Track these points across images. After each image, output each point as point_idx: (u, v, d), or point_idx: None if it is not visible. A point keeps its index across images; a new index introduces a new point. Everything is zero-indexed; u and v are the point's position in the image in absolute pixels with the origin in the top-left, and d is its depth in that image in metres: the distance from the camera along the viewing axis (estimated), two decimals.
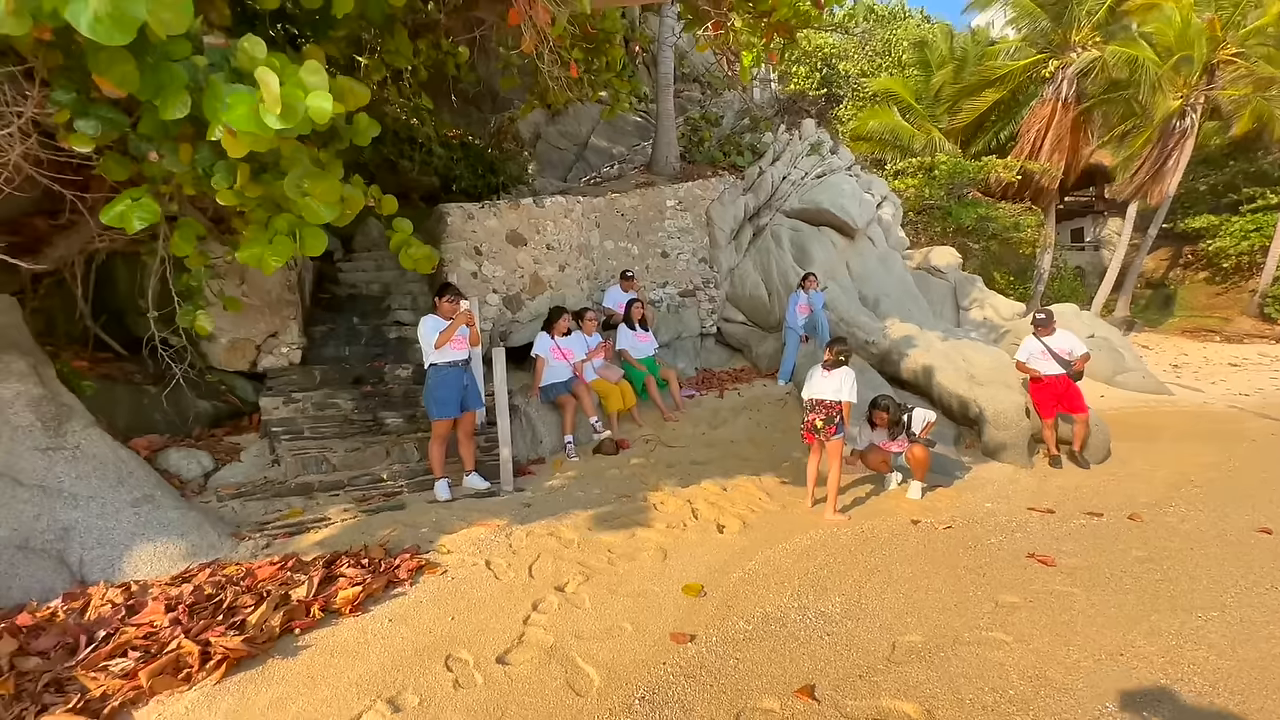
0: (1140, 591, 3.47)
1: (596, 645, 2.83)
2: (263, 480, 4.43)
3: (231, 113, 2.51)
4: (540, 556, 3.70)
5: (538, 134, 12.14)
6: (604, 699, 2.48)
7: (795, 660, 2.75)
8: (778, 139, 11.01)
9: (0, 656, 2.49)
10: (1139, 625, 3.08)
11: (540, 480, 5.09)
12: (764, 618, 3.10)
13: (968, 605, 3.29)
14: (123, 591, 3.09)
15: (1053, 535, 4.41)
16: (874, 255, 9.76)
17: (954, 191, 17.99)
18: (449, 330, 4.56)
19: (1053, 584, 3.56)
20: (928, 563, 3.85)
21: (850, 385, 4.64)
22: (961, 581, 3.58)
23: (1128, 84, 16.76)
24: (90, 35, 2.20)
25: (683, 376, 8.21)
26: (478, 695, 2.49)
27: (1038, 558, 3.93)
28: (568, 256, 7.38)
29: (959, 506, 5.03)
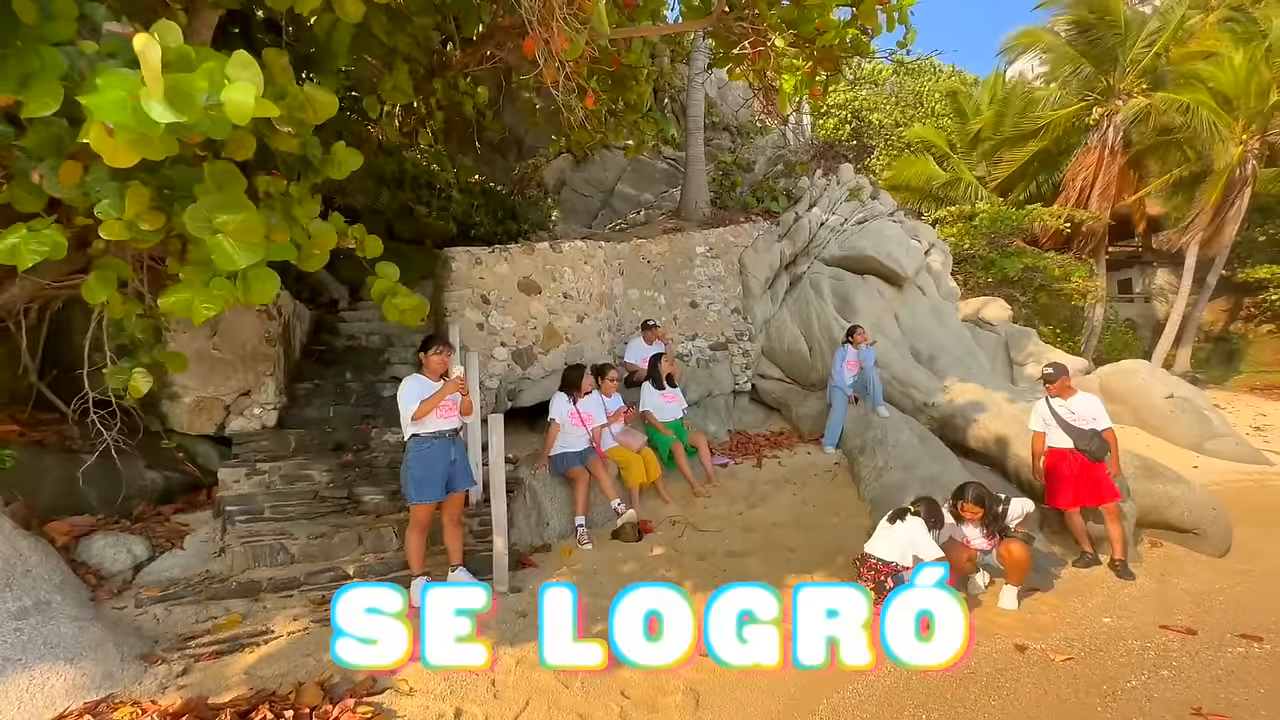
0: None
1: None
2: (201, 576, 3.61)
3: (101, 96, 1.80)
4: (529, 704, 2.78)
5: (562, 181, 11.72)
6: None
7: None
8: (814, 184, 10.35)
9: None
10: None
11: (543, 575, 4.18)
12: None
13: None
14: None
15: (1210, 673, 3.33)
16: (925, 307, 8.87)
17: (996, 241, 17.13)
18: (433, 399, 3.76)
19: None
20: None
21: (926, 540, 3.74)
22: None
23: (1180, 130, 15.94)
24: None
25: (714, 441, 7.30)
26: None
27: (1210, 716, 2.87)
28: (587, 306, 6.65)
29: (1070, 622, 3.96)
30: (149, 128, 1.83)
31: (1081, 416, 4.85)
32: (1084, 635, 3.75)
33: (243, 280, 2.86)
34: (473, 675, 2.97)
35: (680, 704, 2.83)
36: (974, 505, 4.06)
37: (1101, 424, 4.81)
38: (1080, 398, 4.93)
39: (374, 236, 3.94)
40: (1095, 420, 4.83)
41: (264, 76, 3.00)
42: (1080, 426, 4.82)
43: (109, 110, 1.80)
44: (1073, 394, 4.94)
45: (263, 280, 2.92)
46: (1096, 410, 4.88)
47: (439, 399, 3.79)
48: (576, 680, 2.97)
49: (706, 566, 4.39)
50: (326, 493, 4.31)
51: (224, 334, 4.67)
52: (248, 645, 3.19)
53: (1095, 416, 4.84)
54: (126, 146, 1.91)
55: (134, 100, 1.80)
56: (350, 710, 2.59)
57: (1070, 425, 4.86)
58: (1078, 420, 4.84)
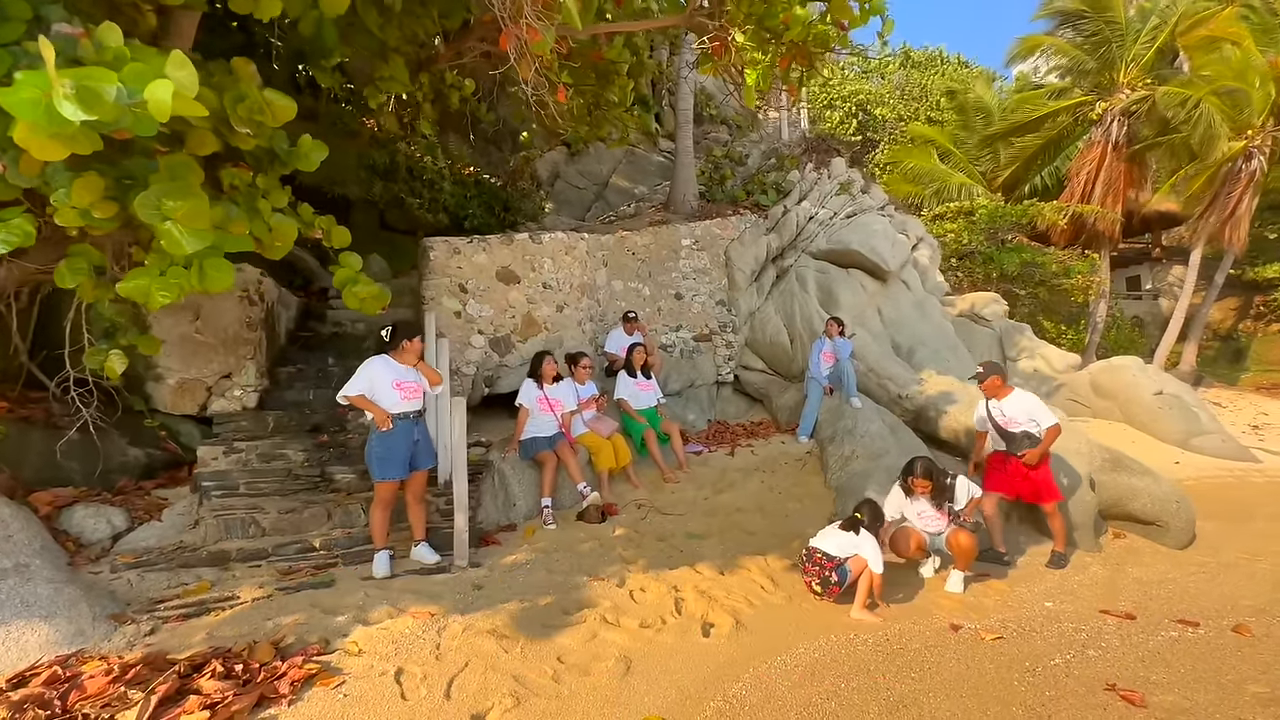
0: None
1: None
2: (175, 546, 3.82)
3: (14, 95, 1.95)
4: (468, 665, 2.95)
5: (556, 173, 11.85)
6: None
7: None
8: (804, 177, 10.42)
9: None
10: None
11: (505, 552, 4.36)
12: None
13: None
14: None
15: (1137, 654, 3.44)
16: (909, 300, 8.93)
17: (996, 237, 17.06)
18: (368, 405, 3.91)
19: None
20: (971, 695, 2.95)
21: (873, 549, 3.80)
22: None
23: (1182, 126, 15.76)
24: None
25: (692, 429, 7.45)
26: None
27: (1121, 692, 2.99)
28: (567, 296, 6.80)
29: (1011, 605, 4.08)
30: (61, 125, 1.97)
31: (1012, 419, 4.70)
32: (1021, 618, 3.86)
33: (199, 269, 3.04)
34: (419, 639, 3.15)
35: (611, 669, 2.99)
36: (923, 479, 4.19)
37: (1044, 422, 4.64)
38: (1013, 398, 4.76)
39: (341, 227, 4.10)
40: (1034, 420, 4.65)
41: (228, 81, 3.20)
42: (1010, 429, 4.69)
43: (23, 109, 1.94)
44: (1007, 393, 4.79)
45: (219, 270, 3.10)
46: (1033, 409, 4.70)
47: (375, 411, 3.91)
48: (517, 646, 3.13)
49: (664, 547, 4.55)
50: (300, 471, 4.51)
51: (206, 319, 4.87)
52: (214, 609, 3.39)
53: (1033, 416, 4.67)
54: (48, 142, 2.07)
55: (46, 99, 1.94)
56: (297, 667, 2.77)
57: (1000, 428, 4.76)
58: (1008, 423, 4.71)
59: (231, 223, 3.22)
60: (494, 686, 2.79)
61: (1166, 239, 23.59)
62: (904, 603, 4.03)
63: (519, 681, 2.85)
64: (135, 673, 2.58)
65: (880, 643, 3.43)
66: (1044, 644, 3.51)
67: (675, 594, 3.84)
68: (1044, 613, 3.97)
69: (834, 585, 3.82)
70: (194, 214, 2.67)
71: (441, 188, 9.34)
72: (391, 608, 3.45)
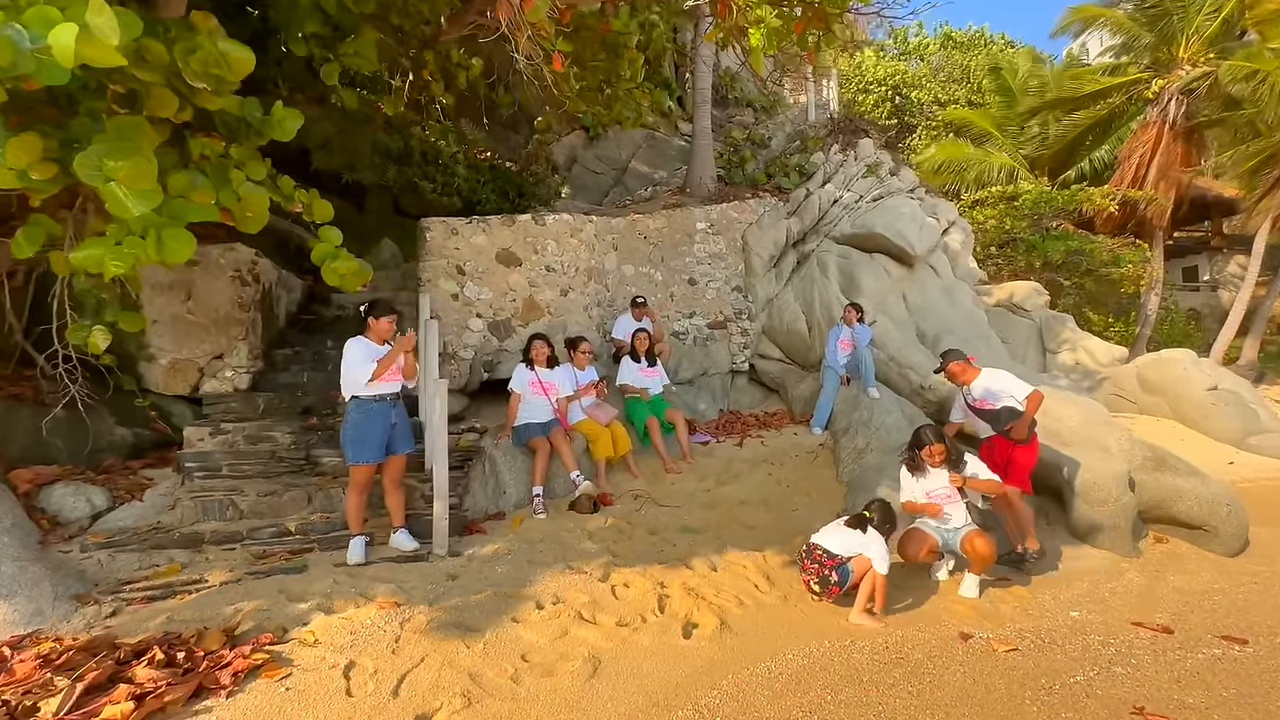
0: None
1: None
2: (150, 527, 3.76)
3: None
4: (425, 661, 2.77)
5: (574, 158, 11.63)
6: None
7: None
8: (829, 159, 9.98)
9: None
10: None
11: (488, 541, 4.18)
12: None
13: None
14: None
15: (1172, 673, 3.07)
16: (936, 287, 8.44)
17: (1039, 224, 16.21)
18: (389, 358, 3.79)
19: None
20: (974, 713, 2.64)
21: (879, 550, 3.50)
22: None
23: (1249, 103, 14.64)
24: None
25: (702, 419, 7.17)
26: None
27: (1149, 716, 2.64)
28: (572, 280, 6.58)
29: (1032, 613, 3.72)
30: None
31: (985, 399, 4.56)
32: (1041, 628, 3.51)
33: (156, 239, 2.91)
34: (379, 631, 2.99)
35: (577, 670, 2.77)
36: (939, 444, 3.88)
37: (1021, 393, 4.46)
38: (982, 378, 4.61)
39: (323, 202, 3.94)
40: (1009, 396, 4.48)
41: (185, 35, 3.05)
42: (987, 408, 4.55)
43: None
44: (975, 375, 4.63)
45: (178, 240, 2.96)
46: (1004, 384, 4.53)
47: (394, 357, 3.81)
48: (480, 642, 2.95)
49: (656, 541, 4.31)
50: (285, 454, 4.42)
51: (198, 299, 4.82)
52: (180, 592, 3.30)
53: (1008, 390, 4.50)
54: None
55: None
56: (244, 656, 2.64)
57: (979, 410, 4.60)
58: (983, 402, 4.57)
59: (195, 191, 3.09)
60: (447, 685, 2.61)
61: (1227, 227, 22.13)
62: (911, 608, 3.71)
63: (475, 680, 2.66)
64: (68, 658, 2.48)
65: (878, 650, 3.14)
66: (1064, 658, 3.16)
67: (660, 590, 3.61)
68: (1068, 623, 3.60)
69: (833, 586, 3.53)
70: (137, 174, 2.52)
71: (455, 172, 9.23)
72: (359, 596, 3.31)
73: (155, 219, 2.93)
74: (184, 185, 3.05)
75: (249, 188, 3.36)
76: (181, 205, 3.05)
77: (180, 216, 3.02)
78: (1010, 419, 4.46)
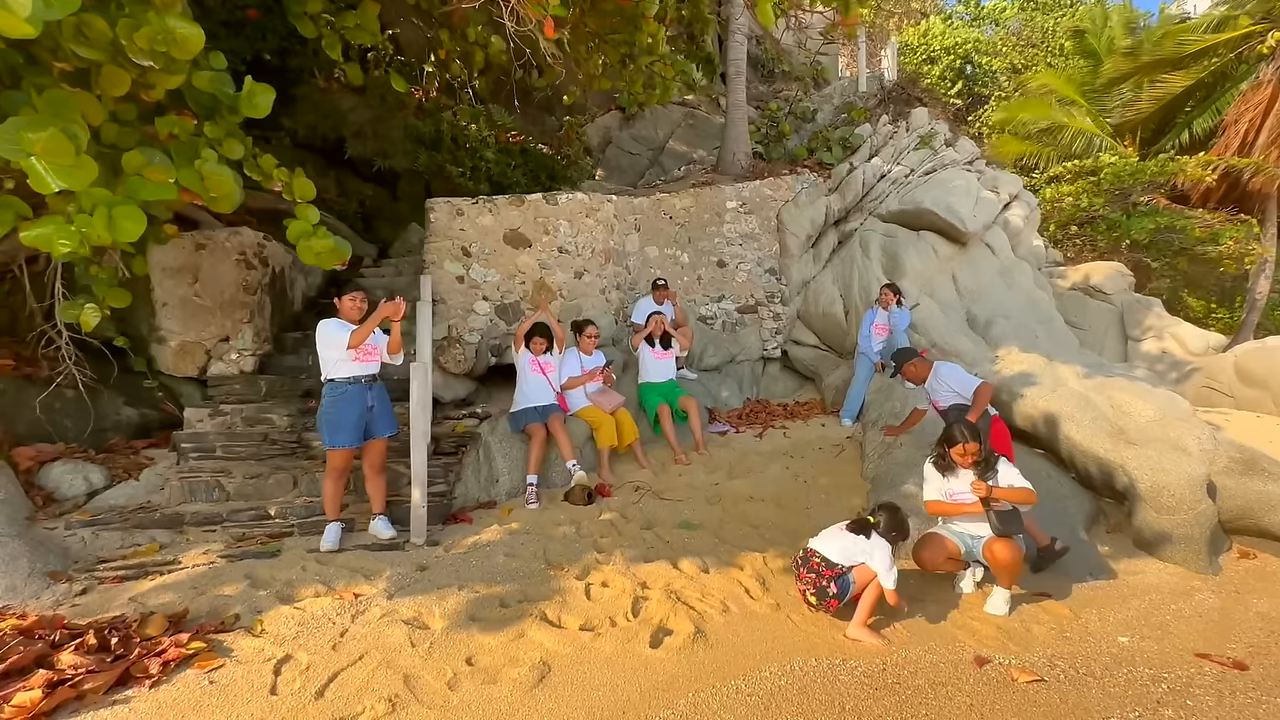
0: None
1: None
2: (137, 506, 3.79)
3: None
4: (363, 659, 2.61)
5: (609, 139, 11.35)
6: None
7: None
8: (877, 131, 9.28)
9: None
10: None
11: (471, 532, 4.02)
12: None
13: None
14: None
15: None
16: (992, 267, 7.68)
17: (1125, 199, 14.69)
18: (369, 323, 3.67)
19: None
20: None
21: (884, 558, 3.10)
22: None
23: None
24: None
25: (724, 407, 6.81)
26: None
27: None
28: (588, 262, 6.33)
29: (1070, 637, 3.21)
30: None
31: (937, 401, 4.42)
32: (1079, 655, 3.01)
33: (108, 218, 2.85)
34: (329, 623, 2.86)
35: (523, 677, 2.54)
36: (973, 443, 3.40)
37: (968, 387, 4.29)
38: (932, 376, 4.41)
39: (305, 180, 3.83)
40: (954, 393, 4.31)
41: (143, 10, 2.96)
42: (940, 407, 4.38)
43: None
44: (928, 373, 4.45)
45: (129, 219, 2.89)
46: (952, 380, 4.33)
47: (376, 320, 3.69)
48: (428, 641, 2.76)
49: (649, 537, 4.02)
50: (278, 436, 4.40)
51: (204, 281, 4.87)
52: (152, 573, 3.29)
53: (953, 388, 4.32)
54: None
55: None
56: (180, 645, 2.55)
57: (938, 409, 4.43)
58: (938, 403, 4.41)
59: (151, 169, 3.02)
60: (377, 687, 2.43)
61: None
62: (924, 623, 3.27)
63: (408, 684, 2.47)
64: (3, 637, 2.44)
65: (872, 672, 2.75)
66: (1100, 694, 2.68)
67: (640, 592, 3.33)
68: (1114, 651, 3.08)
69: (831, 598, 3.14)
70: (55, 148, 2.44)
71: (483, 156, 9.13)
72: (321, 585, 3.21)
73: (107, 196, 2.87)
74: (139, 163, 2.98)
75: (213, 167, 3.26)
76: (137, 183, 2.98)
77: (135, 195, 2.96)
78: (959, 418, 4.11)
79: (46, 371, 4.41)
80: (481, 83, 10.43)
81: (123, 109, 3.26)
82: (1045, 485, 4.86)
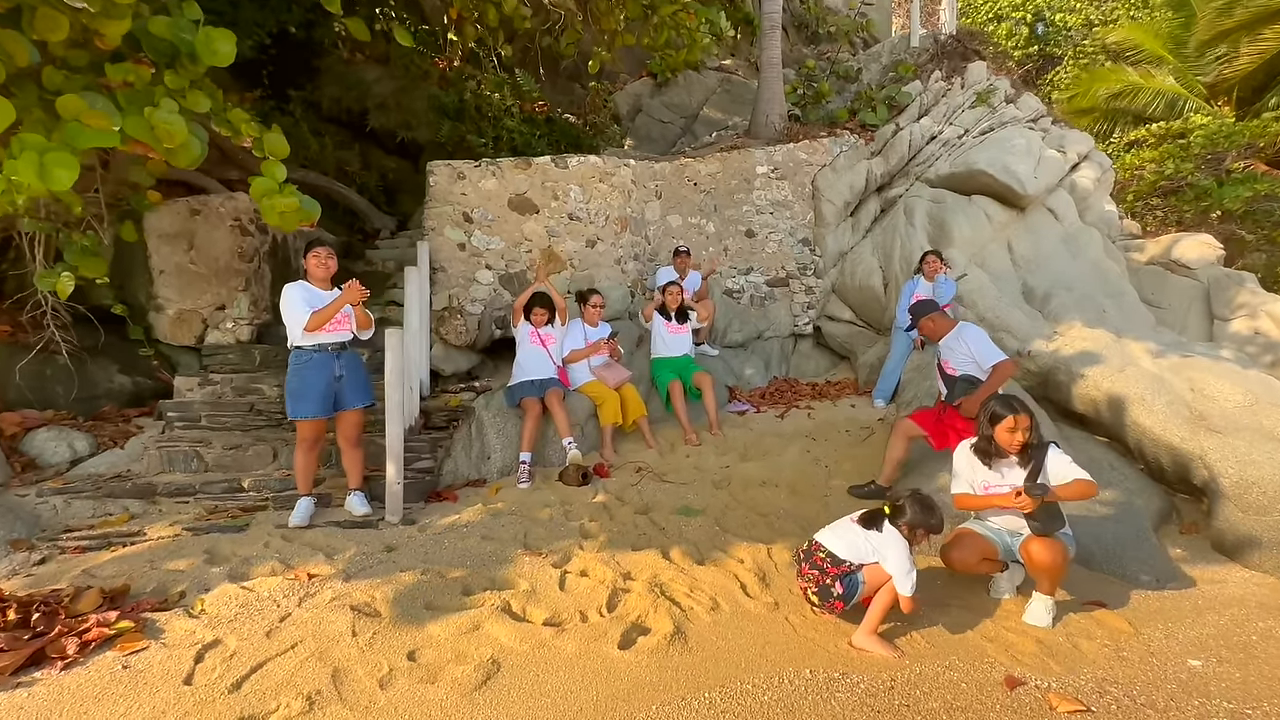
0: None
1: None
2: (114, 474, 3.69)
3: None
4: (295, 648, 2.37)
5: (639, 107, 10.87)
6: None
7: None
8: (928, 88, 8.48)
9: None
10: None
11: (453, 510, 3.75)
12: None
13: None
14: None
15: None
16: (1054, 234, 6.88)
17: (1217, 164, 13.21)
18: (328, 310, 3.43)
19: None
20: None
21: (900, 558, 2.63)
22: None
23: None
24: None
25: (746, 386, 6.36)
26: None
27: None
28: (601, 230, 5.96)
29: (1127, 657, 2.69)
30: None
31: (948, 360, 3.85)
32: (1138, 680, 2.50)
33: (39, 165, 2.66)
34: (272, 605, 2.64)
35: (465, 677, 2.25)
36: (1024, 413, 2.84)
37: (988, 359, 3.72)
38: (952, 336, 3.86)
39: (278, 136, 3.59)
40: (979, 358, 3.74)
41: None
42: (950, 372, 3.82)
43: None
44: (947, 330, 3.89)
45: (61, 165, 2.69)
46: (974, 345, 3.77)
47: (335, 310, 3.46)
48: (371, 631, 2.50)
49: (642, 522, 3.67)
50: (264, 406, 4.25)
51: (199, 248, 4.75)
52: (115, 544, 3.16)
53: (977, 353, 3.75)
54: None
55: None
56: (105, 624, 2.38)
57: (942, 371, 3.90)
58: (949, 366, 3.85)
59: (91, 115, 2.81)
60: (299, 682, 2.18)
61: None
62: (948, 633, 2.80)
63: (336, 679, 2.21)
64: None
65: (877, 691, 2.33)
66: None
67: (621, 583, 2.99)
68: (1181, 676, 2.55)
69: (836, 600, 2.71)
70: None
71: (505, 125, 8.84)
72: (279, 563, 3.00)
73: (40, 142, 2.68)
74: (77, 108, 2.77)
75: (164, 116, 3.03)
76: (75, 129, 2.78)
77: (71, 141, 2.76)
78: (964, 393, 3.66)
79: (47, 339, 4.38)
80: (507, 51, 10.11)
81: (73, 55, 3.07)
82: (1107, 478, 4.26)
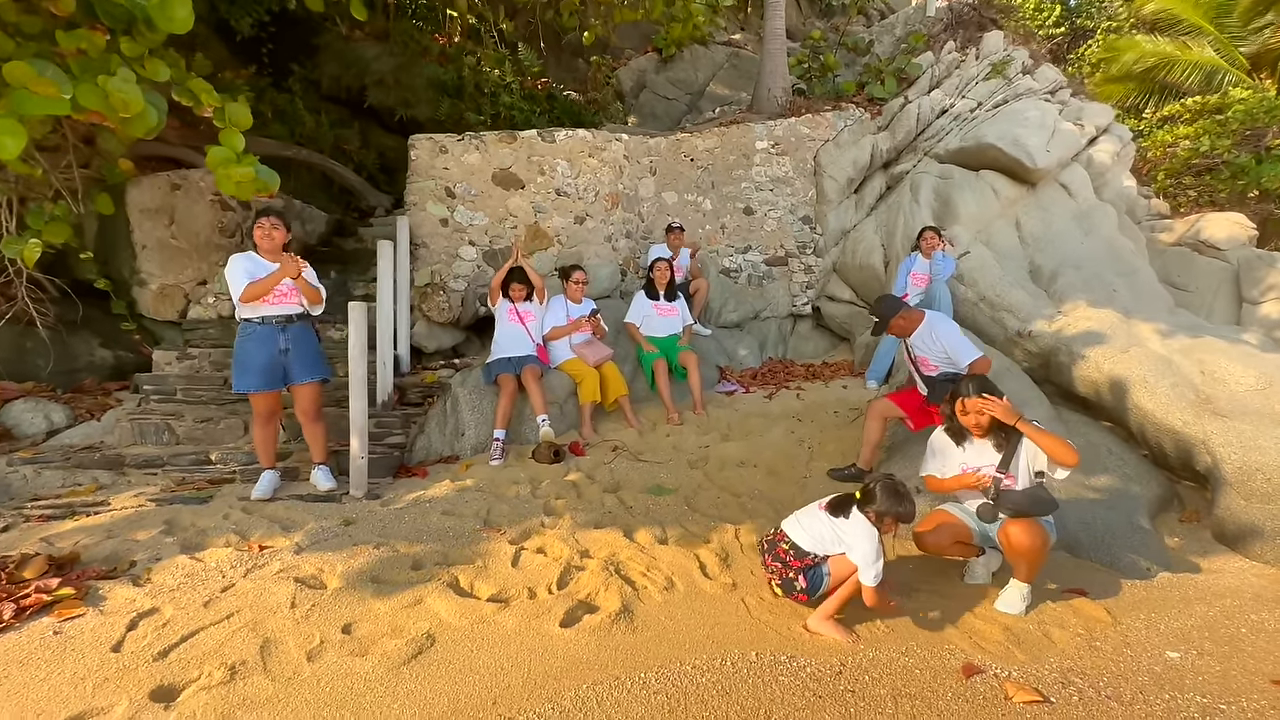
0: None
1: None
2: (85, 446, 3.72)
3: None
4: (230, 618, 2.34)
5: (642, 83, 10.65)
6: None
7: None
8: (940, 60, 8.15)
9: None
10: None
11: (420, 486, 3.72)
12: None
13: None
14: None
15: None
16: (1066, 210, 6.57)
17: (1257, 140, 12.56)
18: (265, 283, 3.37)
19: None
20: None
21: (867, 548, 2.49)
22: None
23: None
24: None
25: (738, 367, 6.23)
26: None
27: None
28: (590, 206, 5.85)
29: (1100, 647, 2.55)
30: None
31: (923, 359, 3.63)
32: (1106, 671, 2.36)
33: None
34: (217, 575, 2.63)
35: (396, 651, 2.20)
36: (985, 397, 2.70)
37: (963, 358, 3.46)
38: (921, 331, 3.60)
39: (240, 106, 3.53)
40: (954, 355, 3.50)
41: None
42: (928, 373, 3.62)
43: None
44: (916, 326, 3.62)
45: (9, 134, 2.66)
46: (949, 340, 3.52)
47: (271, 282, 3.39)
48: (312, 602, 2.47)
49: (610, 501, 3.60)
50: None
51: (180, 223, 4.75)
52: (78, 514, 3.18)
53: (951, 350, 3.50)
54: None
55: None
56: (45, 591, 2.38)
57: (918, 369, 3.68)
58: (926, 365, 3.63)
59: (40, 82, 2.77)
60: (227, 652, 2.15)
61: None
62: (915, 618, 2.68)
63: (265, 650, 2.18)
64: None
65: (824, 675, 2.23)
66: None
67: (578, 561, 2.92)
68: (1155, 668, 2.41)
69: (799, 593, 2.60)
70: None
71: (503, 101, 8.71)
72: (235, 535, 2.99)
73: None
74: (25, 75, 2.73)
75: (118, 84, 2.98)
76: (22, 96, 2.74)
77: (18, 109, 2.72)
78: (944, 392, 3.33)
79: (35, 312, 4.42)
80: (508, 26, 9.97)
81: (25, 21, 3.03)
82: (1104, 463, 4.08)
